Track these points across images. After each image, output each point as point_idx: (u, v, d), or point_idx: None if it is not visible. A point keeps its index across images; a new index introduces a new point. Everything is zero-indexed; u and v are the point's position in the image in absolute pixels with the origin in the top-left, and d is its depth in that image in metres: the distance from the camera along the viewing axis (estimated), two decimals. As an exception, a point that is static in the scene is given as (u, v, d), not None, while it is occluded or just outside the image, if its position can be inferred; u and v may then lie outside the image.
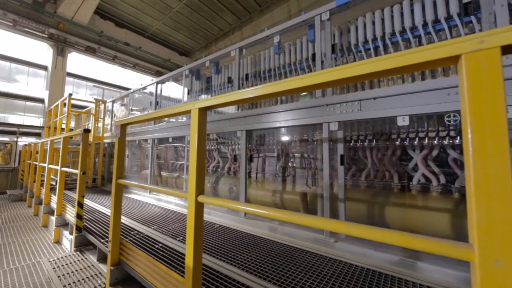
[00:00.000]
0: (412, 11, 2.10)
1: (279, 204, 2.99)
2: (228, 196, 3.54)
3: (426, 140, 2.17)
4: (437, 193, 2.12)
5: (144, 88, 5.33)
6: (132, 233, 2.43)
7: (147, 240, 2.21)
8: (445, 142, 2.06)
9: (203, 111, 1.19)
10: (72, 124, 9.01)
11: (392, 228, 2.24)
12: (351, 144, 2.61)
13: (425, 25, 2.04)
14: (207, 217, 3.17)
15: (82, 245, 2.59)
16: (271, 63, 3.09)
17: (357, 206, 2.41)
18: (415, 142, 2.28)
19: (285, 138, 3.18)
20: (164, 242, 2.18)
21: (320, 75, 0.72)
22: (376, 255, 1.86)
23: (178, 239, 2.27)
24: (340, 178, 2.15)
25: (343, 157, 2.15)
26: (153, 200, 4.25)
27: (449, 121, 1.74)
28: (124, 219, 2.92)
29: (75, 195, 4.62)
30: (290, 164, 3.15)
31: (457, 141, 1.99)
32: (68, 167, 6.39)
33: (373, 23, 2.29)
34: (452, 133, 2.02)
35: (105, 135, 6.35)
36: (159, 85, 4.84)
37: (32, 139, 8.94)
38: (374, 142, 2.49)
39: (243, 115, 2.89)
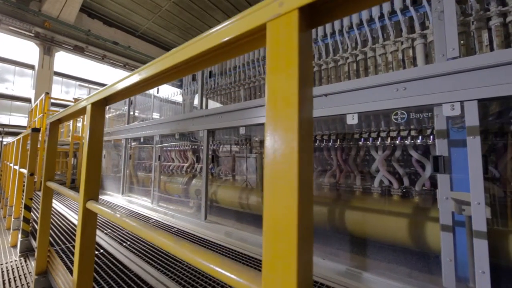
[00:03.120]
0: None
1: (244, 204, 2.86)
2: (195, 198, 3.41)
3: (388, 140, 2.04)
4: (398, 196, 1.99)
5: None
6: (80, 237, 2.29)
7: (90, 246, 2.08)
8: (407, 142, 1.94)
9: (98, 107, 1.06)
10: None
11: (354, 234, 2.10)
12: (316, 144, 2.48)
13: (381, 17, 1.91)
14: (170, 220, 3.05)
15: (29, 250, 2.47)
16: (237, 60, 2.96)
17: (317, 209, 2.27)
18: (378, 142, 2.15)
19: (256, 138, 3.05)
20: (108, 248, 2.05)
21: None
22: (323, 264, 1.72)
23: (124, 244, 2.14)
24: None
25: (295, 158, 2.01)
26: (124, 201, 4.12)
27: (396, 119, 1.60)
28: (80, 223, 2.79)
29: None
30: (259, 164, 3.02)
31: (418, 141, 1.87)
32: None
33: (332, 16, 2.16)
34: (413, 133, 1.90)
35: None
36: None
37: (17, 139, 8.82)
38: (338, 142, 2.36)
39: (205, 113, 2.76)
